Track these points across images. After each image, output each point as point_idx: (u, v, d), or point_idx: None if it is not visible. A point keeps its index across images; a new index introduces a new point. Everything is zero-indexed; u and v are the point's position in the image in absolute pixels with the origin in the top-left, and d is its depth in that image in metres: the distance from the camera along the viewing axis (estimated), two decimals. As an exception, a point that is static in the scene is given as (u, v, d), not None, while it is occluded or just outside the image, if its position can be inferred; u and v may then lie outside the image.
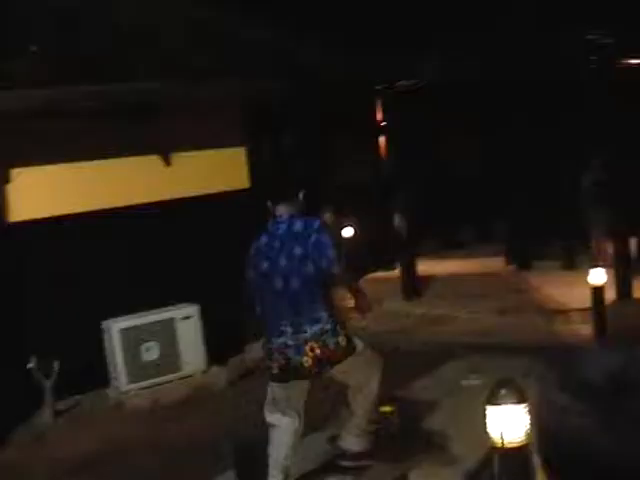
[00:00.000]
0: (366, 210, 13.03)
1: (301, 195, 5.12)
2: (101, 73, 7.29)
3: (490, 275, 11.99)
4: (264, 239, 5.03)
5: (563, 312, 9.99)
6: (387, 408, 6.20)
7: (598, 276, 8.13)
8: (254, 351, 8.70)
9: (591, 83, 11.00)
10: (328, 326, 4.82)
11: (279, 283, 4.84)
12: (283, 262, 4.83)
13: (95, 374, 7.69)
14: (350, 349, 4.99)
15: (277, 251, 4.87)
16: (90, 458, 6.46)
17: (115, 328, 7.66)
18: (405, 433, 6.16)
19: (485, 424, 6.03)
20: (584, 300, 10.16)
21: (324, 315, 4.83)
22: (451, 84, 11.45)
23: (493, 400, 3.69)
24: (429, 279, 12.15)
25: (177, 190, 8.20)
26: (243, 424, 6.92)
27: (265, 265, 4.92)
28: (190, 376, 7.98)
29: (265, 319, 5.01)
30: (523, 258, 12.52)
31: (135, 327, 7.72)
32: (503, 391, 3.69)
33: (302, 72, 8.61)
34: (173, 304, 7.98)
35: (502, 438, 3.65)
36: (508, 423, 3.66)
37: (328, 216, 12.82)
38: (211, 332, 8.12)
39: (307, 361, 4.82)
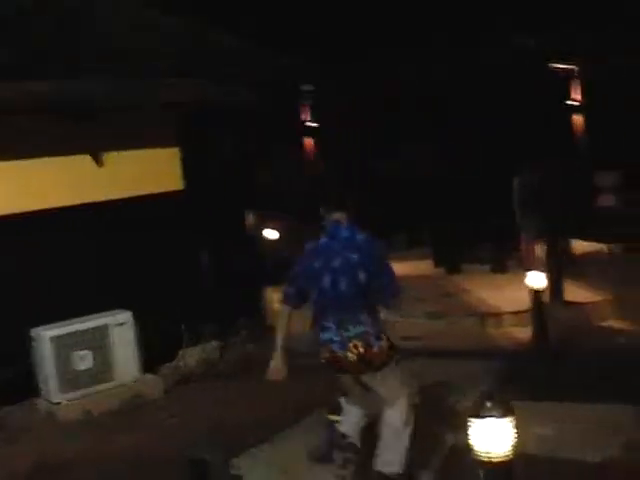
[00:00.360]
0: (291, 211, 12.87)
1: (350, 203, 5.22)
2: (31, 70, 6.93)
3: (419, 278, 11.94)
4: (323, 240, 5.08)
5: (496, 315, 10.03)
6: (334, 416, 6.03)
7: (537, 279, 8.14)
8: (188, 357, 8.46)
9: (521, 86, 11.10)
10: (371, 330, 4.89)
11: (327, 283, 4.93)
12: (337, 264, 4.92)
13: (24, 384, 7.30)
14: (392, 353, 5.06)
15: (334, 253, 4.94)
16: (25, 475, 6.10)
17: (45, 336, 7.28)
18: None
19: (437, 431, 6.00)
20: (517, 303, 10.24)
21: (367, 319, 4.91)
22: (381, 89, 11.43)
23: (478, 413, 3.57)
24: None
25: (110, 191, 7.86)
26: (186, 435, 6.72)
27: (317, 264, 4.99)
28: (124, 385, 7.65)
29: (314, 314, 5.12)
30: (452, 261, 12.55)
31: (67, 335, 7.36)
32: (488, 404, 3.56)
33: (236, 73, 8.41)
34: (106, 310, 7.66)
35: (488, 452, 3.53)
36: (494, 437, 3.54)
37: (250, 217, 12.59)
38: (143, 339, 7.82)
39: (352, 357, 4.92)
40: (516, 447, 3.58)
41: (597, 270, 11.73)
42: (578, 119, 13.62)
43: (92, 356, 7.46)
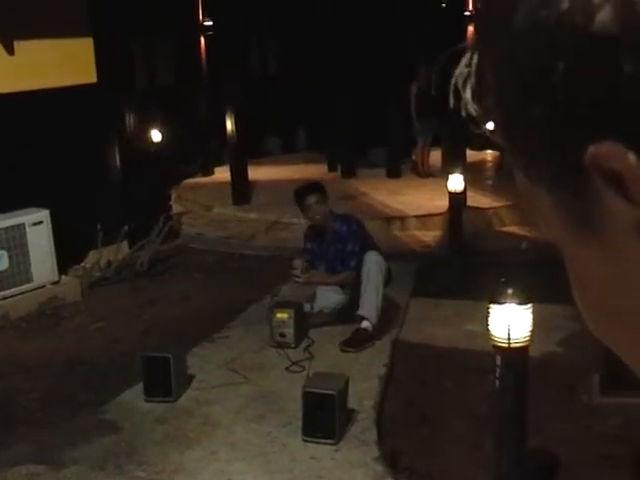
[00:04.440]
0: (178, 114, 12.51)
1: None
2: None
3: (314, 182, 11.89)
4: None
5: (399, 219, 10.15)
6: (283, 314, 6.01)
7: (456, 182, 8.27)
8: (101, 258, 8.15)
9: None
10: None
11: None
12: None
13: None
14: None
15: None
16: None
17: (-42, 235, 6.83)
18: (303, 338, 6.02)
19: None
20: (417, 207, 10.44)
21: None
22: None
23: (498, 299, 3.61)
24: (253, 185, 11.91)
25: (21, 82, 7.32)
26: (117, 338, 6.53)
27: None
28: (42, 287, 7.31)
29: None
30: (347, 165, 12.56)
31: (-20, 234, 6.92)
32: (510, 290, 3.61)
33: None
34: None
35: (508, 338, 3.59)
36: (513, 323, 3.59)
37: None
38: (57, 239, 7.46)
39: None
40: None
41: (495, 177, 12.07)
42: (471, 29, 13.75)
43: (8, 257, 7.06)
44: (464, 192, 9.01)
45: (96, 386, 5.48)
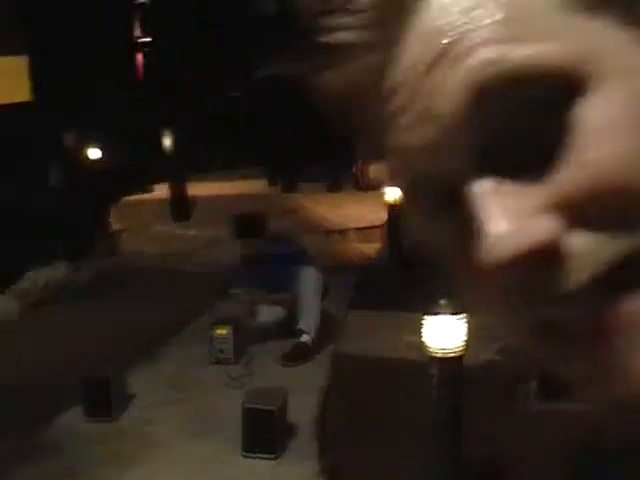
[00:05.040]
0: (116, 131, 12.40)
1: None
2: None
3: (255, 197, 11.88)
4: None
5: (340, 232, 10.21)
6: (222, 330, 6.01)
7: (394, 194, 8.32)
8: (39, 278, 8.06)
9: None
10: None
11: None
12: None
13: None
14: None
15: None
16: None
17: None
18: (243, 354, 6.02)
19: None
20: (357, 221, 10.51)
21: None
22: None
23: (432, 310, 3.65)
24: (193, 201, 11.85)
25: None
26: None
27: None
28: (-22, 308, 7.21)
29: None
30: (288, 179, 12.58)
31: None
32: (442, 301, 3.65)
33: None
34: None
35: (442, 348, 3.63)
36: (447, 333, 3.64)
37: (69, 137, 12.04)
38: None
39: None
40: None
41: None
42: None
43: (-59, 278, 6.94)
44: (402, 203, 9.07)
45: (34, 408, 5.40)
